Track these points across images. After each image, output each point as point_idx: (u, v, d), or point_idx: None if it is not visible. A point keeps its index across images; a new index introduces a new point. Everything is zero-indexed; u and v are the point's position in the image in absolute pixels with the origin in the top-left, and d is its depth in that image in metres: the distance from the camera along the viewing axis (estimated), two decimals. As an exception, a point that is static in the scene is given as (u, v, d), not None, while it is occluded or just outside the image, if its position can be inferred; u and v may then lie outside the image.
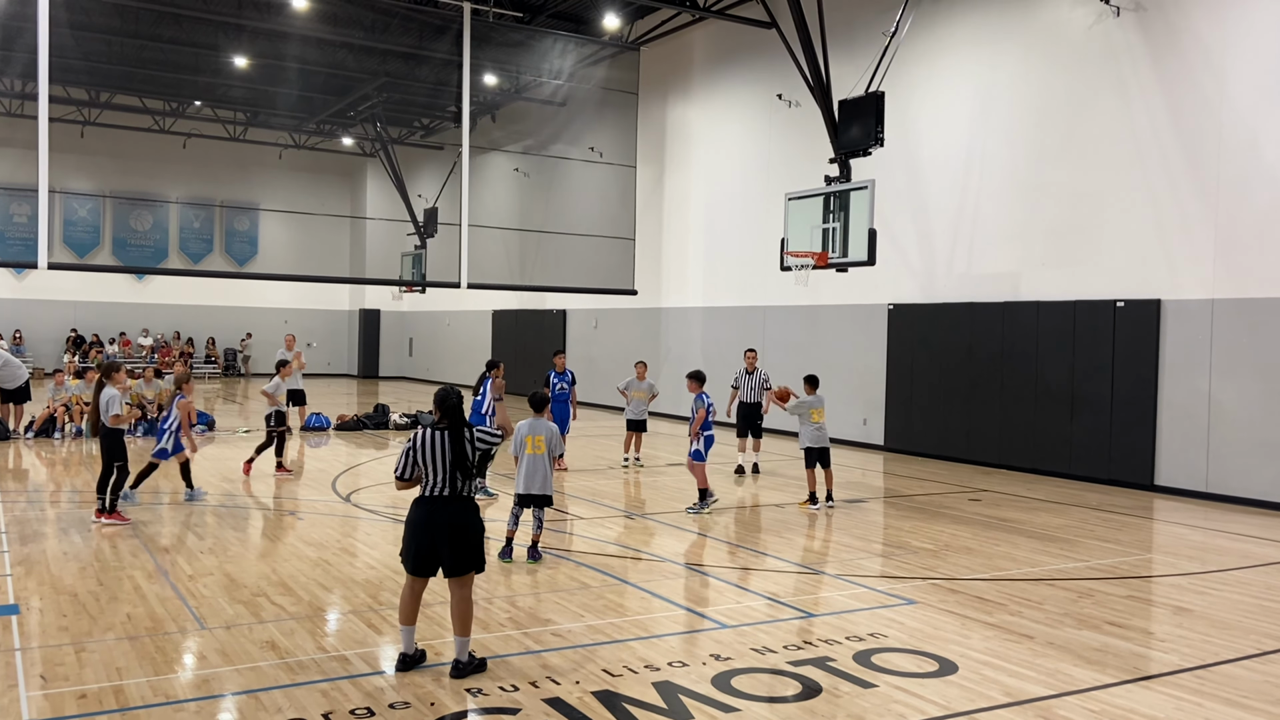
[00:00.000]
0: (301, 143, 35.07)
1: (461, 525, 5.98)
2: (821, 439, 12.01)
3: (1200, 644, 6.95)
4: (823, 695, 5.79)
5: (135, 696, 5.55)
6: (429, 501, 6.01)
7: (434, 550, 5.96)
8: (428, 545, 5.96)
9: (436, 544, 5.95)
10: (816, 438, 11.99)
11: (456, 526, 5.96)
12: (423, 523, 5.98)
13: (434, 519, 5.96)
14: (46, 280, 31.43)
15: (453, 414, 6.08)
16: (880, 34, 15.75)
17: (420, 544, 5.97)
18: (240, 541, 9.70)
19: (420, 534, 5.97)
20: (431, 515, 5.97)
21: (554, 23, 22.61)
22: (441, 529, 5.94)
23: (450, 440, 5.99)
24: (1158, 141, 13.90)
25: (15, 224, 33.31)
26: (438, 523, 5.95)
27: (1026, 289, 15.64)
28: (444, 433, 6.01)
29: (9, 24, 20.72)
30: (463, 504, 6.03)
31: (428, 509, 6.00)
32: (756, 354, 15.42)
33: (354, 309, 39.17)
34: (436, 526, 5.95)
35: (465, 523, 6.00)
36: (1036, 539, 10.48)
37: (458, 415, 6.09)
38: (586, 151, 24.33)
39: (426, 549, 5.97)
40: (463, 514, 6.00)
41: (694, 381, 11.99)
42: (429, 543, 5.96)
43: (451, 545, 5.94)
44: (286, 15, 21.55)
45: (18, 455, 15.45)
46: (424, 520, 5.98)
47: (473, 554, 6.02)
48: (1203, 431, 13.32)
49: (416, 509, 6.05)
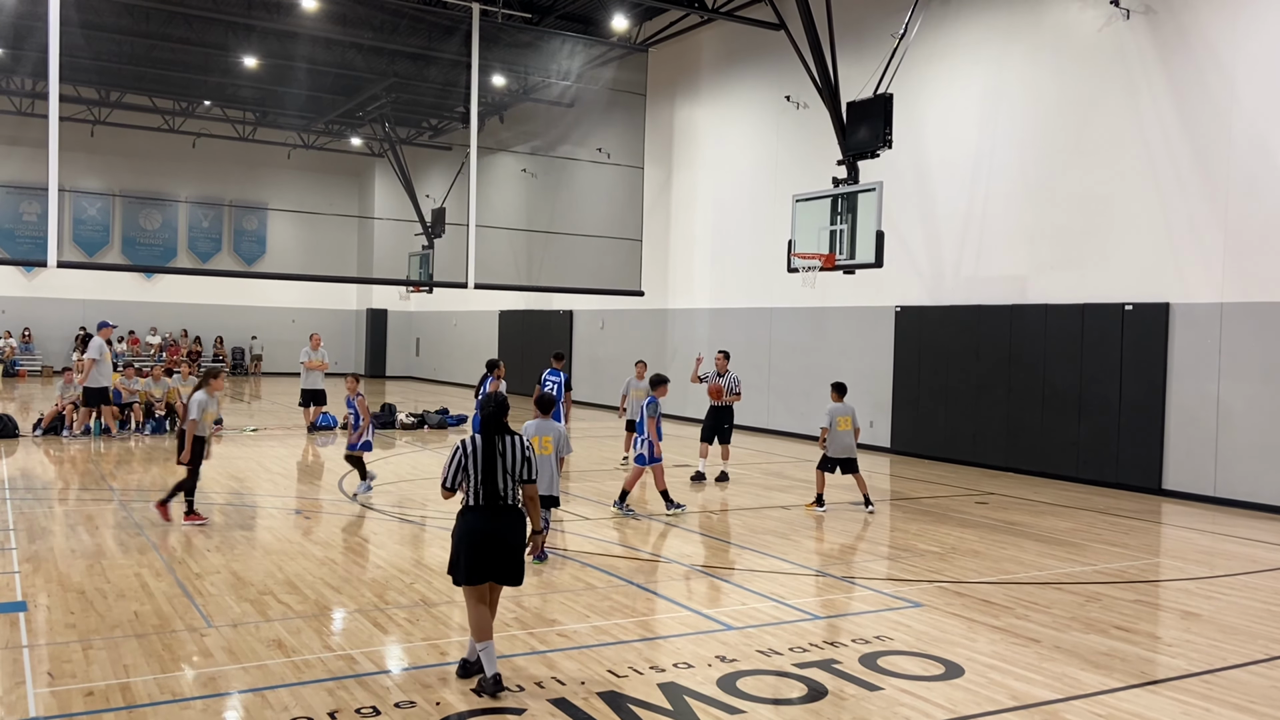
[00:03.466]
0: (310, 143, 35.15)
1: (509, 536, 5.83)
2: (849, 449, 11.83)
3: (1208, 649, 6.92)
4: (828, 698, 5.79)
5: (142, 694, 5.56)
6: (475, 511, 5.84)
7: (488, 560, 5.79)
8: (478, 556, 5.79)
9: (488, 554, 5.78)
10: (843, 447, 11.80)
11: (505, 537, 5.82)
12: (474, 533, 5.81)
13: (482, 529, 5.80)
14: (56, 278, 31.56)
15: (496, 421, 5.97)
16: (889, 35, 15.72)
17: (470, 556, 5.80)
18: (247, 540, 9.72)
19: (469, 545, 5.80)
20: (480, 525, 5.81)
21: (562, 24, 22.62)
22: (490, 539, 5.78)
23: (493, 447, 5.84)
24: (1167, 145, 13.86)
25: (25, 222, 33.45)
26: (490, 532, 5.79)
27: (1034, 292, 15.61)
28: (488, 440, 5.88)
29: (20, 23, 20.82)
30: (508, 513, 5.86)
31: (475, 519, 5.83)
32: (728, 356, 14.93)
33: (361, 309, 39.24)
34: (485, 536, 5.79)
35: (510, 534, 5.84)
36: (1043, 542, 10.45)
37: (501, 422, 5.98)
38: (594, 152, 24.34)
39: (478, 559, 5.79)
40: (511, 524, 5.86)
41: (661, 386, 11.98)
42: (479, 554, 5.79)
43: (502, 556, 5.81)
44: (296, 15, 21.60)
45: (27, 453, 15.49)
46: (473, 530, 5.81)
47: (516, 567, 5.88)
48: (1211, 436, 13.27)
49: (464, 519, 5.87)
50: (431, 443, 18.28)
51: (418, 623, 7.10)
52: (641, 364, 15.83)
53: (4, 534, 9.61)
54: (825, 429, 11.82)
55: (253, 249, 37.70)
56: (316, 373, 19.57)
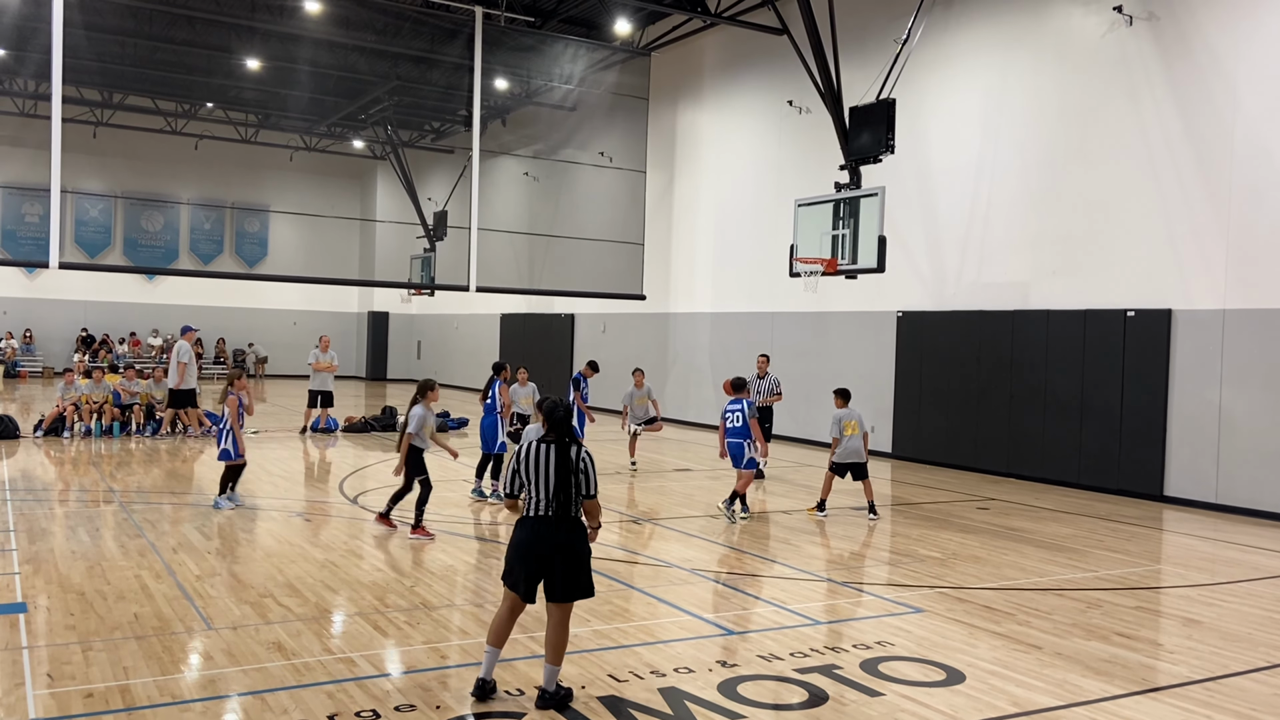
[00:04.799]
0: (312, 145, 35.19)
1: (572, 548, 5.58)
2: (856, 453, 11.76)
3: (1210, 656, 6.90)
4: (829, 703, 5.77)
5: (142, 696, 5.55)
6: (535, 522, 5.59)
7: (546, 572, 5.57)
8: (535, 569, 5.57)
9: (546, 567, 5.56)
10: (850, 451, 11.73)
11: (566, 549, 5.56)
12: (530, 544, 5.57)
13: (542, 540, 5.56)
14: (57, 280, 31.58)
15: (561, 427, 5.66)
16: (892, 41, 15.74)
17: (529, 568, 5.57)
18: (247, 542, 9.71)
19: (528, 557, 5.57)
20: (539, 537, 5.56)
21: (565, 28, 22.65)
22: (550, 551, 5.54)
23: (557, 455, 5.58)
24: (1169, 150, 13.86)
25: (27, 223, 33.48)
26: (546, 544, 5.55)
27: (1036, 297, 15.60)
28: (551, 446, 5.61)
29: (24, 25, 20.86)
30: (571, 525, 5.61)
31: (534, 530, 5.58)
32: (768, 359, 15.49)
33: (363, 311, 39.25)
34: (545, 548, 5.55)
35: (575, 546, 5.60)
36: (1045, 548, 10.43)
37: (566, 428, 5.68)
38: (596, 156, 24.36)
39: (535, 572, 5.57)
40: (572, 536, 5.60)
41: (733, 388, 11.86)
42: (537, 567, 5.57)
43: (563, 569, 5.55)
44: (299, 18, 21.63)
45: (27, 454, 15.49)
46: (531, 541, 5.57)
47: (584, 579, 5.63)
48: (1213, 442, 13.26)
49: (522, 529, 5.64)
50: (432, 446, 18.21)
51: (418, 626, 7.09)
52: (639, 372, 15.81)
53: (4, 535, 9.61)
54: (836, 438, 11.73)
55: (254, 251, 37.72)
56: (325, 374, 19.61)
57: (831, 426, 11.82)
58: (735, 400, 11.64)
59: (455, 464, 13.11)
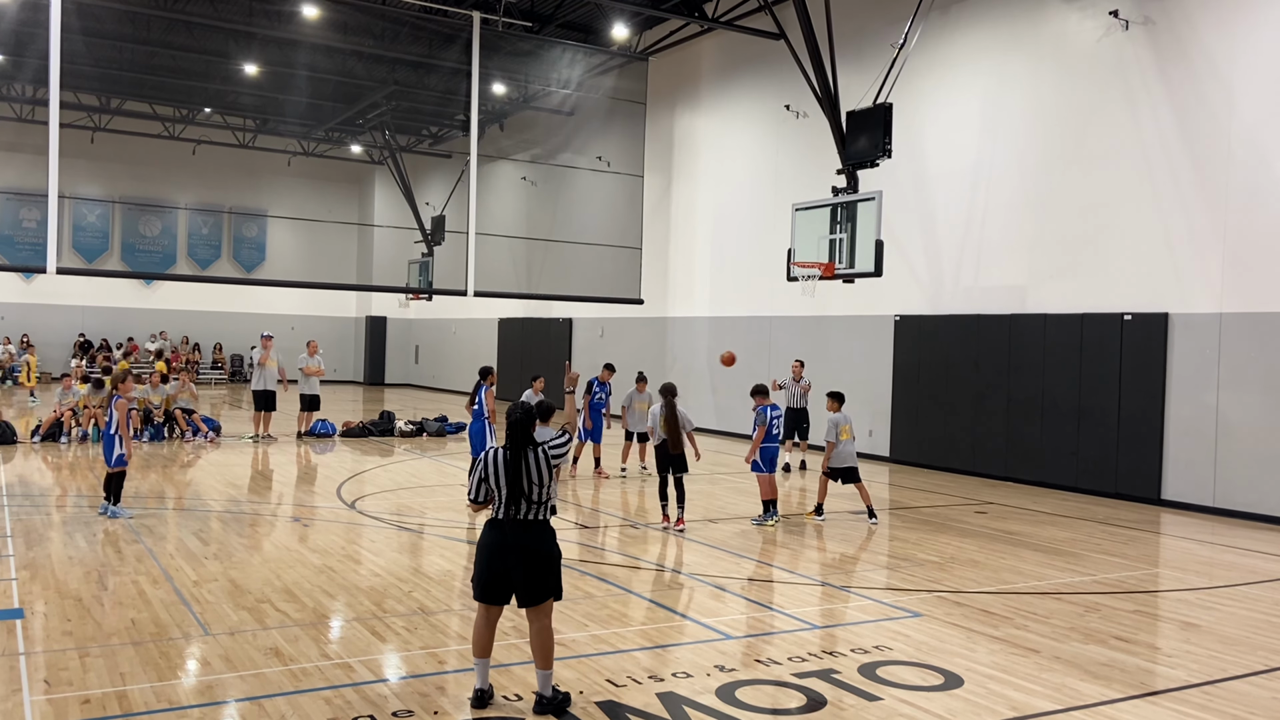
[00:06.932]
0: (310, 150, 35.19)
1: (536, 550, 5.59)
2: (850, 457, 11.73)
3: (1207, 660, 6.91)
4: (827, 708, 5.77)
5: (139, 702, 5.55)
6: (500, 524, 5.64)
7: (506, 576, 5.58)
8: (499, 571, 5.58)
9: (509, 570, 5.57)
10: (845, 456, 11.69)
11: (530, 551, 5.57)
12: (494, 546, 5.61)
13: (505, 543, 5.58)
14: (55, 285, 31.49)
15: (517, 431, 5.69)
16: (889, 45, 15.76)
17: (491, 569, 5.59)
18: (245, 547, 9.70)
19: (491, 559, 5.60)
20: (503, 539, 5.60)
21: (563, 33, 22.67)
22: (514, 554, 5.56)
23: (511, 460, 5.62)
24: (1166, 154, 13.88)
25: (25, 229, 33.44)
26: (510, 547, 5.57)
27: (1033, 301, 15.62)
28: (507, 452, 5.67)
29: (21, 30, 20.85)
30: (537, 527, 5.63)
31: (499, 532, 5.62)
32: (803, 364, 16.24)
33: (360, 316, 39.23)
34: (509, 551, 5.57)
35: (540, 547, 5.61)
36: (1042, 552, 10.43)
37: (523, 432, 5.70)
38: (594, 161, 24.36)
39: (498, 575, 5.59)
40: (537, 538, 5.62)
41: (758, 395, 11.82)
42: (501, 568, 5.58)
43: (526, 572, 5.55)
44: (297, 23, 21.64)
45: (24, 459, 15.47)
46: (495, 544, 5.61)
47: (550, 581, 5.64)
48: (1210, 446, 13.27)
49: (488, 532, 5.68)
50: (430, 450, 18.25)
51: (415, 631, 7.09)
52: (642, 380, 15.73)
53: (1, 541, 9.59)
54: (831, 442, 11.71)
55: (252, 256, 37.69)
56: (314, 379, 19.65)
57: (828, 430, 11.77)
58: (773, 406, 11.49)
59: (450, 468, 13.13)
